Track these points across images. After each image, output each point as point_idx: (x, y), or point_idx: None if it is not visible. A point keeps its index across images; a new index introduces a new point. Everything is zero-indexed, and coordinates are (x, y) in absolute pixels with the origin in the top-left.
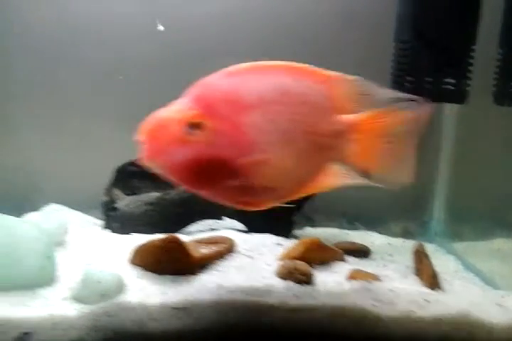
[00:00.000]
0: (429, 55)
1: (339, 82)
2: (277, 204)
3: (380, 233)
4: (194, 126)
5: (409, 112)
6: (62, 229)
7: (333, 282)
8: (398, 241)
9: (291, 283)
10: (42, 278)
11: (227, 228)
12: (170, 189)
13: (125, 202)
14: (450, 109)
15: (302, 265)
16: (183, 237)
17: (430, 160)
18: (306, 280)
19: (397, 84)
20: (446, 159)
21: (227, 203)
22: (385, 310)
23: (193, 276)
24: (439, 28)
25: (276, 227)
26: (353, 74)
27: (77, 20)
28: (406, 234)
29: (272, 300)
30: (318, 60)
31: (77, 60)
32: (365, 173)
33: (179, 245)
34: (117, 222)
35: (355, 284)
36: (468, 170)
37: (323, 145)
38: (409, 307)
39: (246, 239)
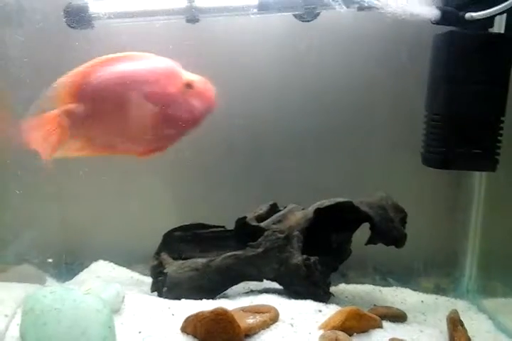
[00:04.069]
0: (461, 128)
1: None
2: None
3: (413, 289)
4: None
5: None
6: (120, 297)
7: None
8: (431, 298)
9: None
10: None
11: (266, 289)
12: (214, 252)
13: (173, 267)
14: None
15: (343, 335)
16: (228, 303)
17: (462, 216)
18: None
19: (429, 152)
20: (478, 215)
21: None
22: None
23: None
24: (471, 103)
25: (315, 291)
26: None
27: None
28: (438, 291)
29: None
30: None
31: None
32: None
33: (228, 317)
34: (165, 286)
35: None
36: (500, 226)
37: None
38: None
39: (288, 306)
